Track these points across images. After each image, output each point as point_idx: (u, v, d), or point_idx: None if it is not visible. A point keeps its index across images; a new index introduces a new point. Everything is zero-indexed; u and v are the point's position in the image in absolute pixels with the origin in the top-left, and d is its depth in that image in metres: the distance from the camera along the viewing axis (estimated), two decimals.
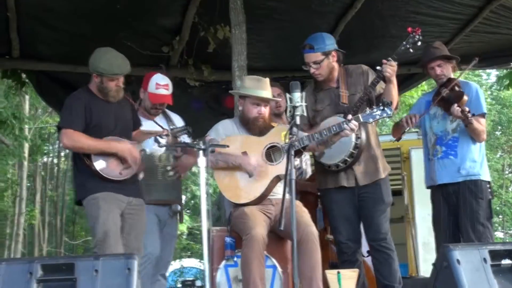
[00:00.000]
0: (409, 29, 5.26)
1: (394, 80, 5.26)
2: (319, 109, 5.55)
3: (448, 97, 5.62)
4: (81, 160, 5.20)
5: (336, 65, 5.50)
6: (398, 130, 5.98)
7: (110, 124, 5.27)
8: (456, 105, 5.50)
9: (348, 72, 5.55)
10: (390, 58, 5.18)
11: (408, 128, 5.86)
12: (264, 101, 5.38)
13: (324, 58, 5.41)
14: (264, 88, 5.36)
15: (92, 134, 5.14)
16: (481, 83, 28.13)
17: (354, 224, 5.52)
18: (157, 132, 5.42)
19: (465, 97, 5.62)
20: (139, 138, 5.48)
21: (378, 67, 5.26)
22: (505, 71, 10.78)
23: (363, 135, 5.35)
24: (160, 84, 5.85)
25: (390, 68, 5.17)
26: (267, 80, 5.44)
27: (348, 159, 5.35)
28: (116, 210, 5.17)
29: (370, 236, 5.51)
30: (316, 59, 5.41)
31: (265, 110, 5.38)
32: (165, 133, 5.37)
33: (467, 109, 5.49)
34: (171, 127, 5.72)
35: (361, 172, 5.43)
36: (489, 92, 28.75)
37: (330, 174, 5.51)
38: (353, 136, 5.23)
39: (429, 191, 5.98)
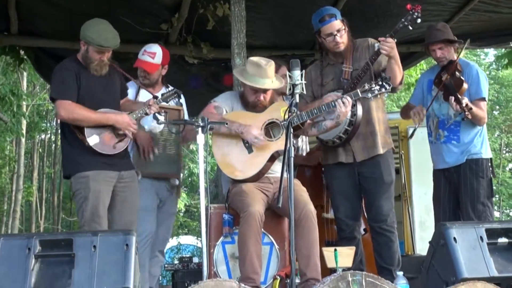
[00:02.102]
0: (408, 6, 5.19)
1: (395, 55, 5.19)
2: (324, 84, 5.52)
3: (448, 84, 5.59)
4: (72, 133, 5.15)
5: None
6: (407, 114, 6.01)
7: (98, 95, 5.24)
8: (453, 98, 5.47)
9: (355, 47, 5.50)
10: (388, 35, 5.15)
11: (418, 125, 5.83)
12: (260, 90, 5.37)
13: (343, 26, 5.39)
14: (263, 76, 5.28)
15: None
16: (480, 63, 28.13)
17: (353, 201, 5.50)
18: (145, 102, 5.40)
19: (465, 85, 5.58)
20: (127, 107, 5.45)
21: (376, 44, 5.24)
22: (504, 50, 10.75)
23: (359, 112, 5.30)
24: (146, 50, 5.86)
25: (387, 45, 5.10)
26: (270, 65, 5.32)
27: (343, 136, 5.33)
28: (106, 190, 5.16)
29: (370, 217, 5.50)
30: (339, 27, 5.36)
31: (265, 96, 5.35)
32: (151, 102, 5.33)
33: (464, 102, 5.44)
34: (162, 92, 5.65)
35: (359, 147, 5.40)
36: (487, 72, 28.70)
37: (330, 150, 5.51)
38: (349, 113, 5.20)
39: (426, 169, 6.00)
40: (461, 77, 5.61)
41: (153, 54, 5.82)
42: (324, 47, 5.50)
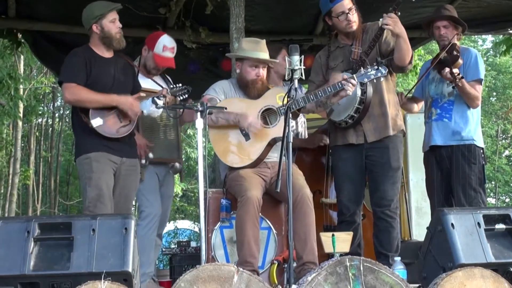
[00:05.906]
0: None
1: (401, 33, 5.10)
2: (333, 66, 5.48)
3: (444, 60, 5.60)
4: (78, 117, 5.17)
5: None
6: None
7: (107, 82, 5.25)
8: (447, 68, 5.49)
9: (365, 30, 5.46)
10: (390, 9, 5.09)
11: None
12: (262, 63, 5.39)
13: (353, 5, 5.35)
14: (261, 50, 5.38)
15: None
16: (477, 49, 28.07)
17: (357, 185, 5.47)
18: (156, 93, 5.41)
19: (460, 61, 5.60)
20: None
21: (379, 21, 5.20)
22: (501, 37, 10.73)
23: (369, 90, 5.25)
24: (167, 47, 5.84)
25: (390, 20, 5.03)
26: (264, 41, 5.45)
27: (355, 115, 5.28)
28: (109, 171, 5.17)
29: (374, 201, 5.46)
30: (350, 6, 5.32)
31: (263, 72, 5.39)
32: (164, 92, 5.34)
33: (457, 71, 5.46)
34: (171, 86, 5.64)
35: (370, 129, 5.36)
36: (484, 58, 28.69)
37: (340, 131, 5.46)
38: (359, 91, 5.18)
39: (423, 155, 6.00)
40: (458, 54, 5.61)
41: (173, 49, 5.89)
42: (336, 28, 5.46)
